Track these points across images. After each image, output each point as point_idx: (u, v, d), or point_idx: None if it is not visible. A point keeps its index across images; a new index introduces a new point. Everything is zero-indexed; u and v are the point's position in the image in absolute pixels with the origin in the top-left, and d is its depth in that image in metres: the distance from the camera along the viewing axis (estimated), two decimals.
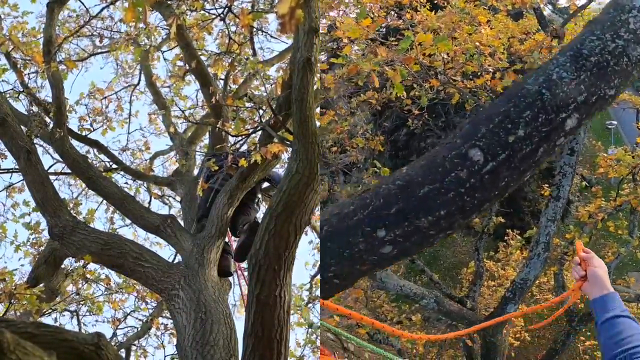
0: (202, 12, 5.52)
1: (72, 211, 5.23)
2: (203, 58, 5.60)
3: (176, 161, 6.45)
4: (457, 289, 10.08)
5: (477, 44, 4.11)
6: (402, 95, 4.78)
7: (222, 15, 5.29)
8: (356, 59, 3.84)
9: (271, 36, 6.43)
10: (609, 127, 16.52)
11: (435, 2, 5.90)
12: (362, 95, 6.23)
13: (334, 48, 6.21)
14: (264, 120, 3.76)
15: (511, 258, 9.67)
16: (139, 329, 5.93)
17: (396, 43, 4.02)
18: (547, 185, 6.98)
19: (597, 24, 1.48)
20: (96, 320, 5.74)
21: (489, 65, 4.30)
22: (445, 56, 4.19)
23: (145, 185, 6.76)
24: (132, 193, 6.00)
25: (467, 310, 6.78)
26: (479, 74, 4.41)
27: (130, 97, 7.06)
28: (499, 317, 5.86)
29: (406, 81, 4.16)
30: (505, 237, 10.11)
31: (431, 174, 1.40)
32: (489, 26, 4.48)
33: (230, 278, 4.26)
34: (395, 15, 5.50)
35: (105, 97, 6.81)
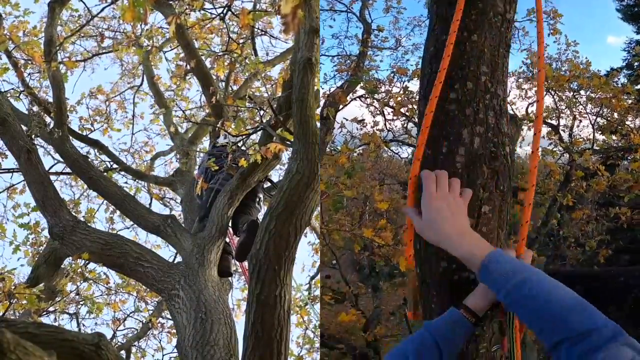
0: (203, 11, 5.52)
1: (71, 211, 5.23)
2: (204, 58, 5.60)
3: (176, 161, 6.46)
4: None
5: None
6: None
7: (222, 14, 5.29)
8: None
9: (274, 37, 6.45)
10: None
11: None
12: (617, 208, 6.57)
13: None
14: (264, 121, 3.76)
15: None
16: (139, 330, 5.94)
17: None
18: None
19: None
20: (95, 323, 5.76)
21: None
22: None
23: (145, 186, 6.76)
24: (132, 194, 6.01)
25: None
26: None
27: (134, 98, 7.09)
28: None
29: None
30: None
31: None
32: None
33: (231, 278, 4.26)
34: None
35: (108, 100, 6.85)
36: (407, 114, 6.93)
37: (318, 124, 2.93)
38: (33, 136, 4.69)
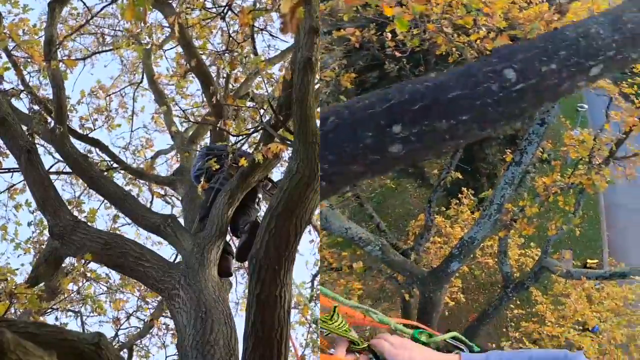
0: (204, 10, 5.52)
1: (75, 210, 5.24)
2: (204, 57, 5.60)
3: (177, 160, 6.47)
4: (402, 240, 9.55)
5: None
6: (386, 37, 5.02)
7: (222, 13, 5.29)
8: None
9: (274, 36, 6.44)
10: (580, 109, 16.54)
11: None
12: (342, 30, 5.87)
13: None
14: (264, 120, 3.76)
15: (461, 217, 9.47)
16: (141, 328, 5.94)
17: None
18: (509, 151, 6.97)
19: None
20: (100, 321, 5.76)
21: (483, 24, 4.30)
22: (446, 6, 4.24)
23: (147, 184, 6.77)
24: (134, 192, 6.02)
25: (411, 262, 6.70)
26: (471, 30, 4.40)
27: (134, 94, 7.09)
28: (442, 273, 6.03)
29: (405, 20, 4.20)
30: (459, 195, 9.87)
31: (464, 81, 1.48)
32: None
33: (231, 278, 4.25)
34: None
35: (108, 95, 6.85)
36: None
37: (318, 123, 2.93)
38: (33, 136, 4.69)
